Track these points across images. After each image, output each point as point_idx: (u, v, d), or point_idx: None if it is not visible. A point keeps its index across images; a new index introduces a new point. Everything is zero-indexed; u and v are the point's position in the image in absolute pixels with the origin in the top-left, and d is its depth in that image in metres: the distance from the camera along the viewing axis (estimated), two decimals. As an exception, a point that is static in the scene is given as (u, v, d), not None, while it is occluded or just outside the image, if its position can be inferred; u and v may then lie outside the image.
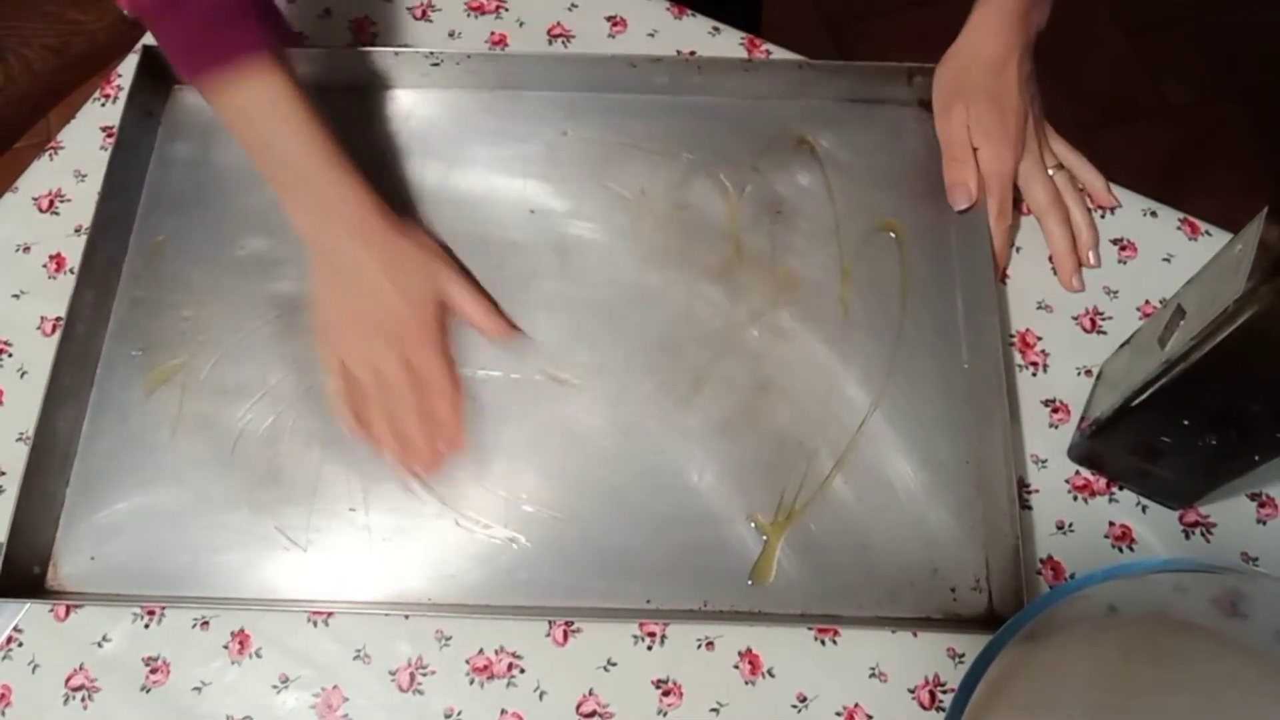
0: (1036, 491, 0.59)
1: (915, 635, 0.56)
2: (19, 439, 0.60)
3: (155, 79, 0.69)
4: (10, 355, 0.63)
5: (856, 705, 0.54)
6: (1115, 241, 0.66)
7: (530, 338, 0.62)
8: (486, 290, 0.63)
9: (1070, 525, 0.58)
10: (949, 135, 0.65)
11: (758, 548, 0.57)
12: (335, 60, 0.69)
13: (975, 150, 0.64)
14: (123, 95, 0.69)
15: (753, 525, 0.58)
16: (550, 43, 0.73)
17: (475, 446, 0.60)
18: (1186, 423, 0.51)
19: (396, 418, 0.59)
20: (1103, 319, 0.64)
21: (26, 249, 0.66)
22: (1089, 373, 0.62)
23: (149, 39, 0.72)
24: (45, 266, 0.66)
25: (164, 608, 0.56)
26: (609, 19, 0.73)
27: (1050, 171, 0.66)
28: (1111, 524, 0.58)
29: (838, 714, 0.54)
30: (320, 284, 0.60)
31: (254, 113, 0.57)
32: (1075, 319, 0.64)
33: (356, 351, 0.59)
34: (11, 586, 0.55)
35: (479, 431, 0.60)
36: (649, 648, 0.56)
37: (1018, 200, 0.66)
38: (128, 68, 0.71)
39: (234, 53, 0.55)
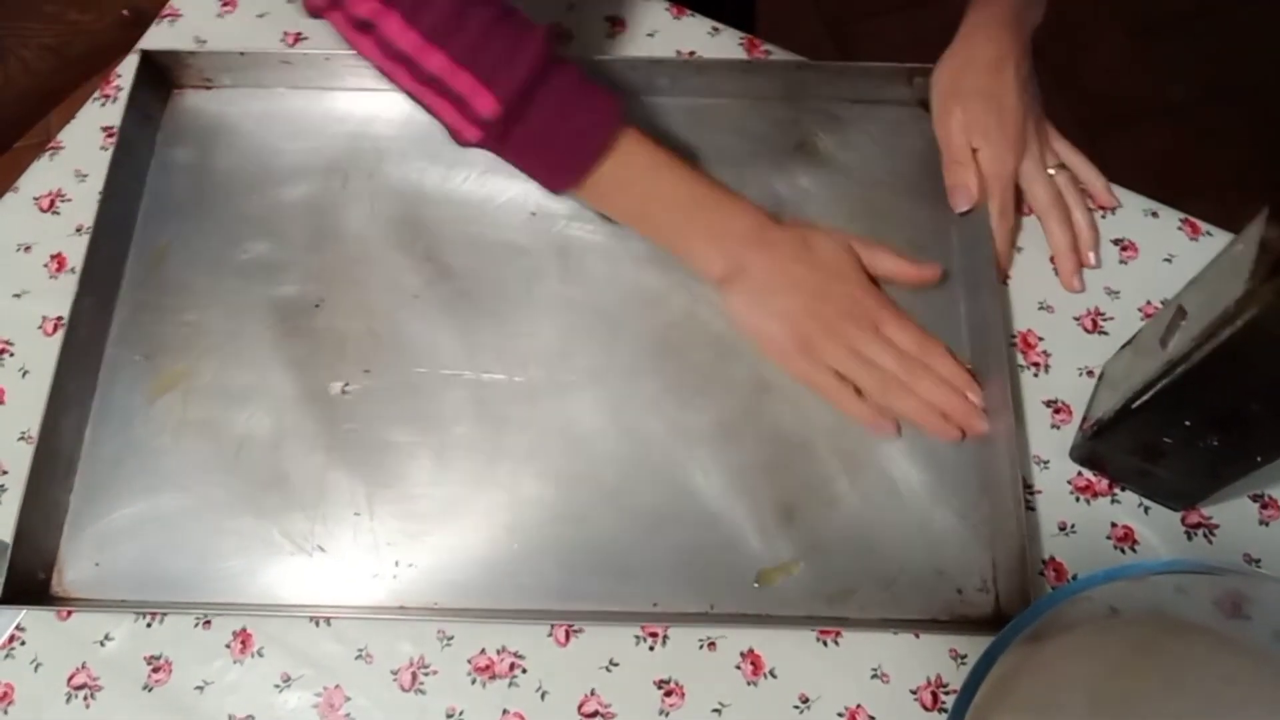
0: (1039, 492, 0.59)
1: (917, 636, 0.56)
2: (21, 438, 0.60)
3: (154, 84, 0.69)
4: (11, 355, 0.63)
5: (859, 706, 0.54)
6: (1116, 242, 0.66)
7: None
8: (490, 285, 0.64)
9: (1072, 526, 0.58)
10: (947, 137, 0.65)
11: (763, 549, 0.57)
12: (337, 63, 0.69)
13: (975, 151, 0.64)
14: (123, 95, 0.68)
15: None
16: (551, 43, 0.73)
17: (478, 449, 0.60)
18: (1188, 423, 0.51)
19: (924, 391, 0.58)
20: (1104, 319, 0.64)
21: (27, 249, 0.66)
22: (1091, 373, 0.62)
23: (148, 41, 0.73)
24: (46, 266, 0.66)
25: (167, 612, 0.56)
26: (608, 19, 0.73)
27: (1051, 171, 0.66)
28: (1114, 525, 0.58)
29: (840, 715, 0.54)
30: (748, 307, 0.60)
31: (631, 178, 0.58)
32: (1077, 319, 0.64)
33: (834, 352, 0.59)
34: (16, 592, 0.55)
35: (482, 434, 0.60)
36: (651, 648, 0.56)
37: (1019, 200, 0.66)
38: (128, 68, 0.71)
39: (599, 137, 0.57)
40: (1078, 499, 0.59)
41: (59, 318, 0.62)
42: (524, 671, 0.55)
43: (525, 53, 0.54)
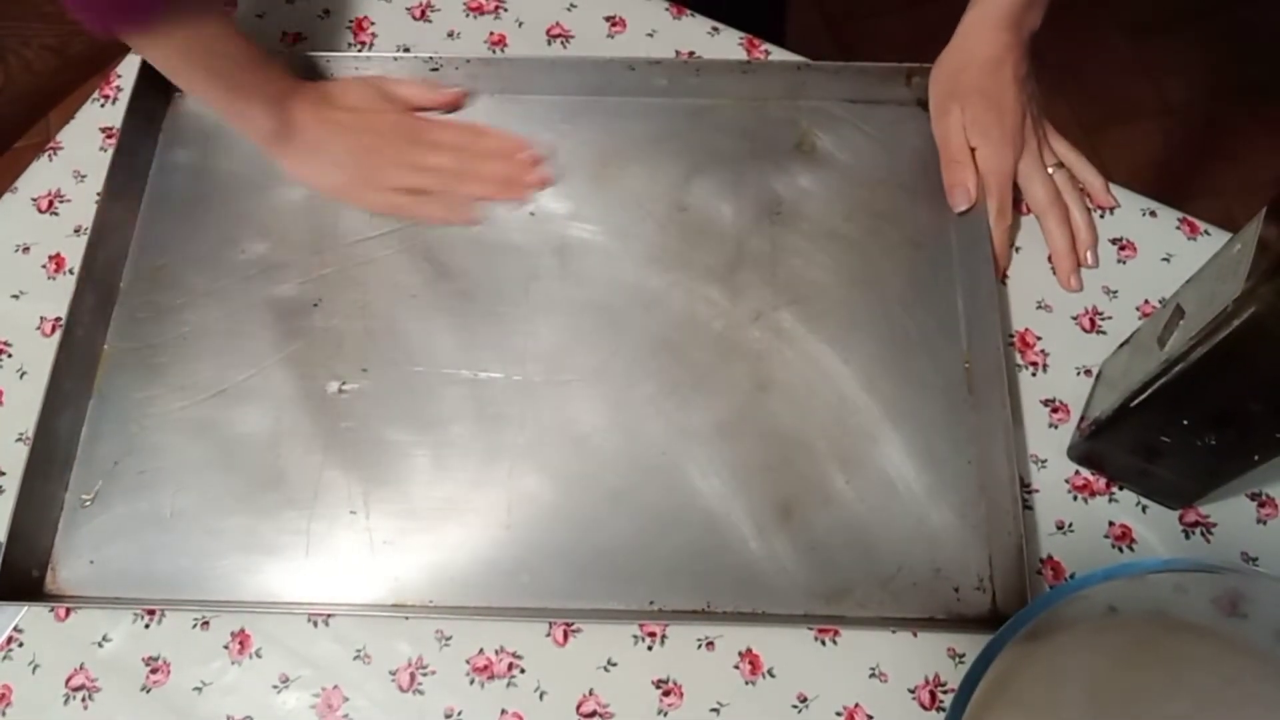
0: (1036, 491, 0.59)
1: (915, 635, 0.56)
2: (18, 439, 0.60)
3: (156, 86, 0.69)
4: (10, 355, 0.63)
5: (857, 705, 0.54)
6: (1114, 241, 0.66)
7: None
8: (489, 284, 0.64)
9: (1070, 525, 0.58)
10: (946, 136, 0.65)
11: (760, 548, 0.57)
12: (335, 64, 0.69)
13: (973, 150, 0.64)
14: (123, 96, 0.69)
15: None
16: (549, 43, 0.73)
17: (476, 448, 0.60)
18: (1186, 422, 0.51)
19: (484, 172, 0.65)
20: (1102, 319, 0.64)
21: (26, 249, 0.66)
22: (1088, 372, 0.62)
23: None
24: (45, 267, 0.66)
25: (164, 610, 0.56)
26: (608, 19, 0.73)
27: (1050, 170, 0.66)
28: (1111, 524, 0.58)
29: (838, 714, 0.54)
30: (306, 162, 0.65)
31: (191, 39, 0.59)
32: (1075, 319, 0.64)
33: (394, 173, 0.65)
34: (10, 590, 0.55)
35: (480, 433, 0.60)
36: (649, 648, 0.56)
37: (1017, 199, 0.66)
38: (128, 68, 0.71)
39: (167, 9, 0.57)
40: (1075, 498, 0.59)
41: (57, 318, 0.62)
42: (522, 671, 0.55)
43: None
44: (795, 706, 0.54)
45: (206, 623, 0.56)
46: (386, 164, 0.65)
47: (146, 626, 0.56)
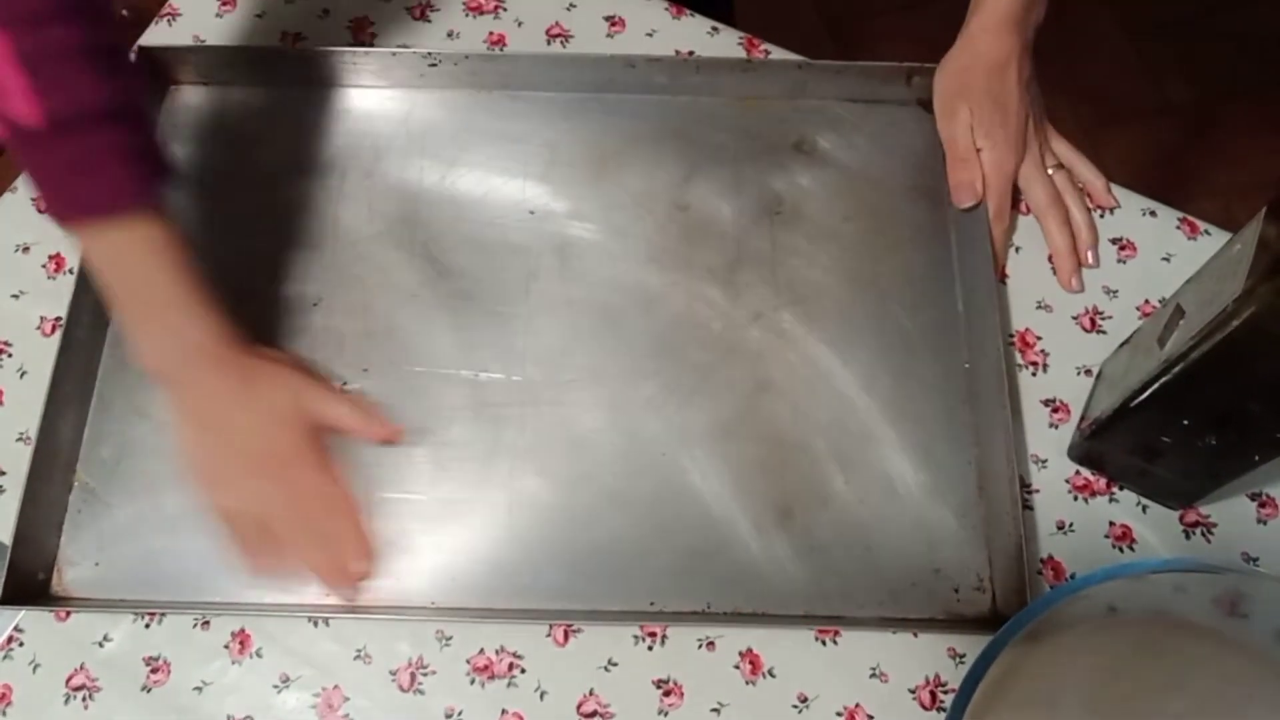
0: (1037, 491, 0.59)
1: (916, 635, 0.56)
2: (19, 439, 0.60)
3: (153, 80, 0.69)
4: (10, 355, 0.63)
5: (857, 705, 0.54)
6: (1115, 241, 0.66)
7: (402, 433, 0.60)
8: (489, 284, 0.63)
9: (1070, 525, 0.58)
10: (954, 135, 0.65)
11: (760, 548, 0.57)
12: (336, 61, 0.69)
13: (977, 151, 0.64)
14: (122, 96, 0.68)
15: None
16: (549, 43, 0.73)
17: (476, 448, 0.60)
18: (1186, 422, 0.51)
19: (300, 549, 0.56)
20: (1102, 319, 0.64)
21: (26, 249, 0.66)
22: (1089, 372, 0.62)
23: (147, 39, 0.73)
24: (45, 267, 0.66)
25: (166, 612, 0.56)
26: (607, 19, 0.73)
27: (1049, 171, 0.66)
28: (1112, 524, 0.58)
29: (838, 714, 0.54)
30: (182, 424, 0.56)
31: (118, 257, 0.53)
32: (1075, 319, 0.64)
33: (235, 494, 0.56)
34: (15, 593, 0.55)
35: (480, 433, 0.60)
36: (650, 648, 0.56)
37: (1016, 200, 0.66)
38: (127, 69, 0.71)
39: (104, 204, 0.51)
40: (1076, 498, 0.59)
41: (57, 318, 0.62)
42: (523, 671, 0.55)
43: (95, 91, 0.49)
44: (795, 707, 0.54)
45: (207, 623, 0.56)
46: (234, 485, 0.56)
47: (147, 626, 0.56)
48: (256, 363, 0.57)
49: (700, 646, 0.56)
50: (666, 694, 0.55)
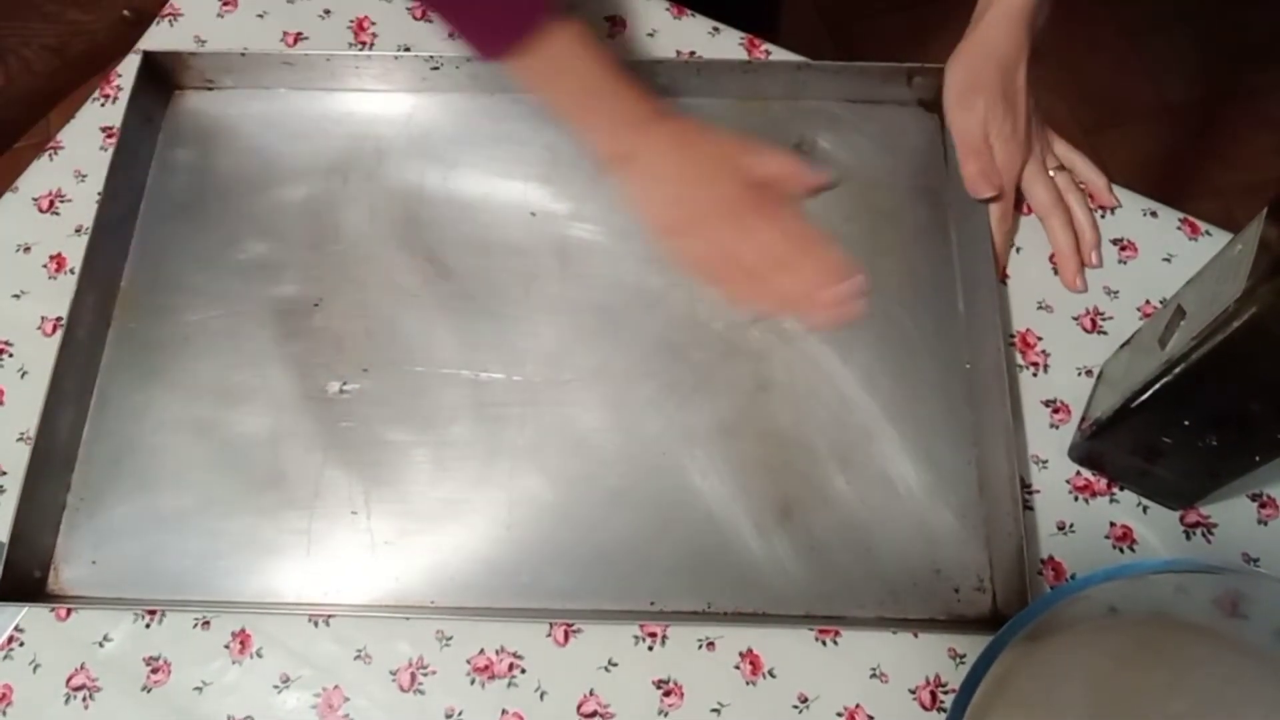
0: (1037, 492, 0.59)
1: (916, 636, 0.56)
2: (20, 439, 0.60)
3: (155, 85, 0.69)
4: (11, 355, 0.63)
5: (858, 706, 0.54)
6: (1116, 241, 0.66)
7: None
8: (490, 285, 0.64)
9: (1071, 526, 0.58)
10: (969, 128, 0.64)
11: (760, 548, 0.57)
12: (338, 64, 0.69)
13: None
14: (123, 95, 0.69)
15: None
16: (550, 43, 0.72)
17: (476, 448, 0.60)
18: (1187, 423, 0.51)
19: (772, 280, 0.62)
20: (1103, 319, 0.64)
21: (27, 249, 0.66)
22: (1089, 373, 0.62)
23: (149, 41, 0.73)
24: (45, 267, 0.66)
25: (165, 610, 0.56)
26: (608, 19, 0.73)
27: (1051, 172, 0.66)
28: (1112, 524, 0.58)
29: (839, 714, 0.54)
30: (642, 194, 0.63)
31: (556, 70, 0.60)
32: (1075, 319, 0.64)
33: (704, 238, 0.62)
34: (13, 590, 0.55)
35: (480, 433, 0.60)
36: (650, 648, 0.56)
37: (1018, 201, 0.66)
38: (128, 68, 0.71)
39: (529, 27, 0.57)
40: (1076, 498, 0.59)
41: (58, 318, 0.62)
42: (523, 671, 0.55)
43: None
44: (796, 707, 0.54)
45: (207, 623, 0.56)
46: (695, 227, 0.63)
47: (147, 626, 0.56)
48: (690, 124, 0.64)
49: (700, 646, 0.56)
50: (666, 694, 0.55)
